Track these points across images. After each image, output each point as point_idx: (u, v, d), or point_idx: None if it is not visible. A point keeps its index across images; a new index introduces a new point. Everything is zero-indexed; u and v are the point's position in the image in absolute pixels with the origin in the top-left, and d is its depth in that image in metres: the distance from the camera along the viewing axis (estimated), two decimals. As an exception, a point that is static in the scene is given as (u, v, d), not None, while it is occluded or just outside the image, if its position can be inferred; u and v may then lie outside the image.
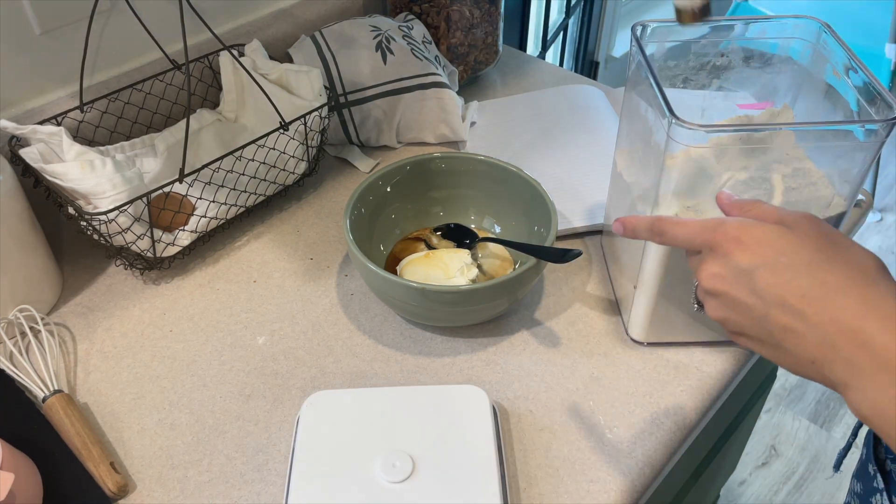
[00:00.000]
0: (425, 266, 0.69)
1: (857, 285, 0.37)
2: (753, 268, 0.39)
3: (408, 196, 0.74)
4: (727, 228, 0.41)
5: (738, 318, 0.41)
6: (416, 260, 0.70)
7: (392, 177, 0.72)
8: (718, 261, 0.41)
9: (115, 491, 0.55)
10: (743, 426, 1.07)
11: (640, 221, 0.47)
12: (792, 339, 0.38)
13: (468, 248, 0.72)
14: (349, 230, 0.65)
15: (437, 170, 0.75)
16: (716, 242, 0.41)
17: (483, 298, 0.61)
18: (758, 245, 0.39)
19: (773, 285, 0.38)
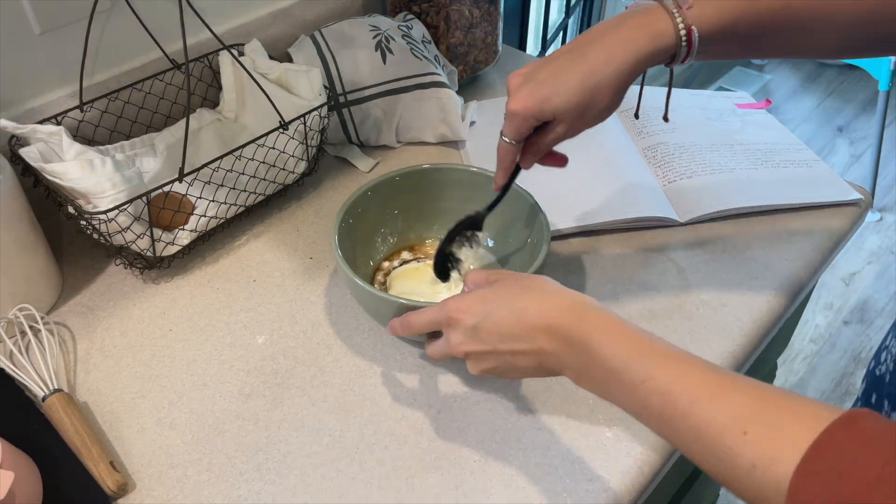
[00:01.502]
0: (415, 279, 0.67)
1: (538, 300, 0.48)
2: (475, 324, 0.49)
3: (398, 207, 0.72)
4: (449, 307, 0.51)
5: (489, 364, 0.51)
6: (406, 272, 0.69)
7: (381, 188, 0.70)
8: (454, 331, 0.51)
9: (114, 490, 0.55)
10: (742, 426, 1.06)
11: (394, 322, 0.57)
12: (520, 357, 0.49)
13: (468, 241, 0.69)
14: (337, 245, 0.63)
15: (430, 180, 0.72)
16: (448, 320, 0.51)
17: None
18: (471, 307, 0.50)
19: (491, 329, 0.49)
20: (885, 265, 2.00)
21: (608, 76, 0.51)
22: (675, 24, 0.50)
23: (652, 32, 0.51)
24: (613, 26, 0.52)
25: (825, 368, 1.76)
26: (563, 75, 0.52)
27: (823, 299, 1.92)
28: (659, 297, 0.71)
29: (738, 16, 0.50)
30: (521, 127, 0.56)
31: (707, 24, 0.50)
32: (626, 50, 0.51)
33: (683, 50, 0.51)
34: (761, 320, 0.68)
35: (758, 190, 0.80)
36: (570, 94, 0.52)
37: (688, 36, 0.50)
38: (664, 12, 0.51)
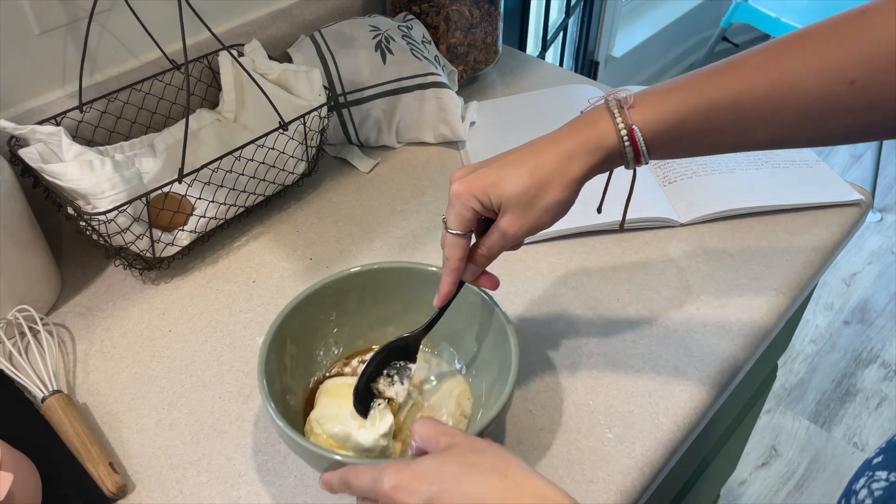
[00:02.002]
0: (342, 398, 0.56)
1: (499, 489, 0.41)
2: None
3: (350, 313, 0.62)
4: (387, 483, 0.43)
5: None
6: (335, 387, 0.58)
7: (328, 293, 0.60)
8: None
9: (114, 491, 0.55)
10: (743, 426, 1.07)
11: (332, 476, 0.48)
12: None
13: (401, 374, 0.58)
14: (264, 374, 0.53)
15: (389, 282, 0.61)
16: (385, 498, 0.43)
17: None
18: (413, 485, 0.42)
19: None
20: (885, 265, 2.00)
21: (559, 169, 0.49)
22: (616, 125, 0.48)
23: (596, 135, 0.48)
24: (563, 129, 0.50)
25: (826, 369, 1.76)
26: (513, 165, 0.50)
27: (824, 299, 1.92)
28: (659, 297, 0.70)
29: (684, 113, 0.47)
30: (464, 213, 0.51)
31: (651, 122, 0.47)
32: (577, 149, 0.49)
33: (630, 152, 0.48)
34: (762, 321, 0.68)
35: (758, 190, 0.80)
36: (521, 177, 0.49)
37: (630, 137, 0.47)
38: (607, 114, 0.48)
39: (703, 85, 0.46)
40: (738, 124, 0.46)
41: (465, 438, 0.45)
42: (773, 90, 0.44)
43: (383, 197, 0.83)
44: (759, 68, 0.45)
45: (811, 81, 0.43)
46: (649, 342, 0.66)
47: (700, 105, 0.46)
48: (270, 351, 0.55)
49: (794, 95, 0.44)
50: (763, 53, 0.46)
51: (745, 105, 0.45)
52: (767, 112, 0.45)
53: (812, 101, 0.44)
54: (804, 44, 0.44)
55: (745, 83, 0.45)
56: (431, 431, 0.45)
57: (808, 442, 1.62)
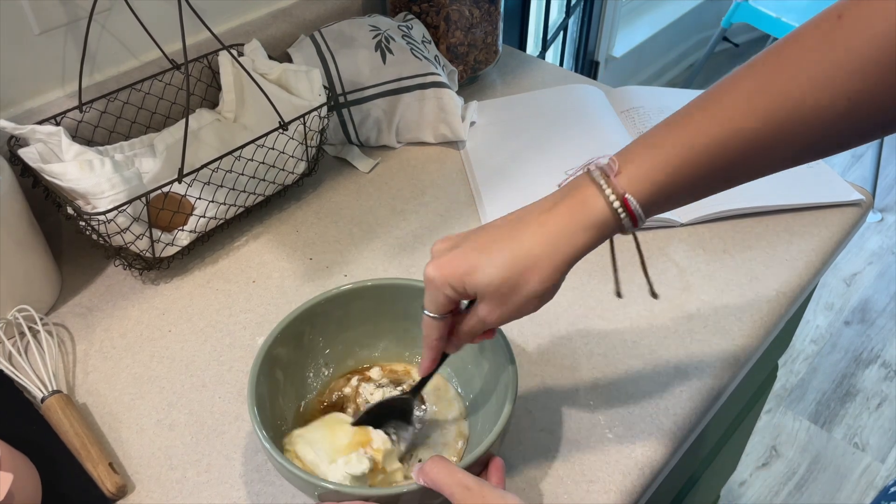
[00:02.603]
0: (333, 431, 0.54)
1: None
2: None
3: (338, 332, 0.61)
4: None
5: None
6: (335, 419, 0.56)
7: (314, 313, 0.58)
8: None
9: (113, 491, 0.55)
10: (743, 426, 1.06)
11: None
12: None
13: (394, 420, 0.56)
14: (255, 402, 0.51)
15: (378, 298, 0.60)
16: None
17: None
18: None
19: None
20: (885, 265, 2.00)
21: (544, 255, 0.44)
22: (606, 196, 0.43)
23: (585, 211, 0.44)
24: (548, 207, 0.46)
25: (826, 369, 1.76)
26: (492, 248, 0.45)
27: (824, 300, 1.92)
28: (659, 297, 0.70)
29: (676, 167, 0.43)
30: (438, 298, 0.47)
31: (643, 185, 0.43)
32: (562, 231, 0.44)
33: (627, 221, 0.44)
34: (762, 321, 0.68)
35: (758, 190, 0.80)
36: (496, 269, 0.45)
37: (625, 207, 0.43)
38: (593, 187, 0.44)
39: (690, 131, 0.43)
40: (740, 163, 0.43)
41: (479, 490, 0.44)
42: (767, 121, 0.41)
43: (383, 197, 0.83)
44: (748, 100, 0.41)
45: (806, 104, 0.40)
46: (649, 342, 0.66)
47: (692, 155, 0.42)
48: (260, 375, 0.53)
49: (793, 122, 0.40)
50: (746, 81, 0.42)
51: (743, 142, 0.41)
52: (766, 143, 0.41)
53: (812, 124, 0.40)
54: (788, 62, 0.40)
55: (734, 121, 0.41)
56: (446, 479, 0.45)
57: (809, 442, 1.62)
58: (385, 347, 0.62)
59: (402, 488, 0.47)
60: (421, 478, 0.46)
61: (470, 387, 0.60)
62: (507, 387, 0.52)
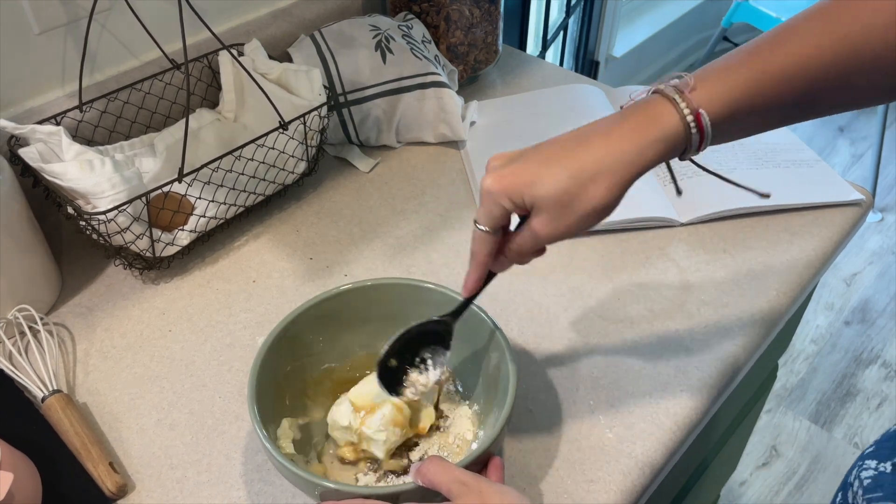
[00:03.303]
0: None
1: None
2: None
3: (338, 333, 0.60)
4: None
5: None
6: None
7: (317, 312, 0.58)
8: None
9: (114, 491, 0.55)
10: (743, 426, 1.06)
11: None
12: None
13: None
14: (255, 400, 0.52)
15: (376, 299, 0.60)
16: None
17: None
18: None
19: None
20: (886, 265, 2.00)
21: (609, 168, 0.44)
22: (680, 110, 0.44)
23: (657, 125, 0.44)
24: (615, 121, 0.46)
25: (826, 369, 1.76)
26: (555, 161, 0.45)
27: (824, 300, 1.92)
28: (659, 297, 0.70)
29: (753, 90, 0.44)
30: (493, 210, 0.47)
31: (718, 104, 0.44)
32: (631, 143, 0.44)
33: (696, 138, 0.44)
34: (762, 321, 0.68)
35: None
36: (559, 179, 0.44)
37: (697, 122, 0.44)
38: (666, 101, 0.44)
39: (767, 56, 0.44)
40: (808, 93, 0.44)
41: (475, 481, 0.44)
42: (840, 53, 0.42)
43: (383, 197, 0.83)
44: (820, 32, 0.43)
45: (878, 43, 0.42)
46: (649, 342, 0.66)
47: (767, 79, 0.43)
48: (260, 374, 0.53)
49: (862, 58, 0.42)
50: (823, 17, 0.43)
51: (813, 73, 0.43)
52: (835, 77, 0.43)
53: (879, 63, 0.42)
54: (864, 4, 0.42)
55: (808, 50, 0.43)
56: (443, 477, 0.45)
57: (809, 442, 1.62)
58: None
59: (401, 487, 0.47)
60: (419, 478, 0.46)
61: (470, 386, 0.60)
62: (507, 386, 0.52)
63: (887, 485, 0.51)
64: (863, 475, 0.53)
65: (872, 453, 0.54)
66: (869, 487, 0.51)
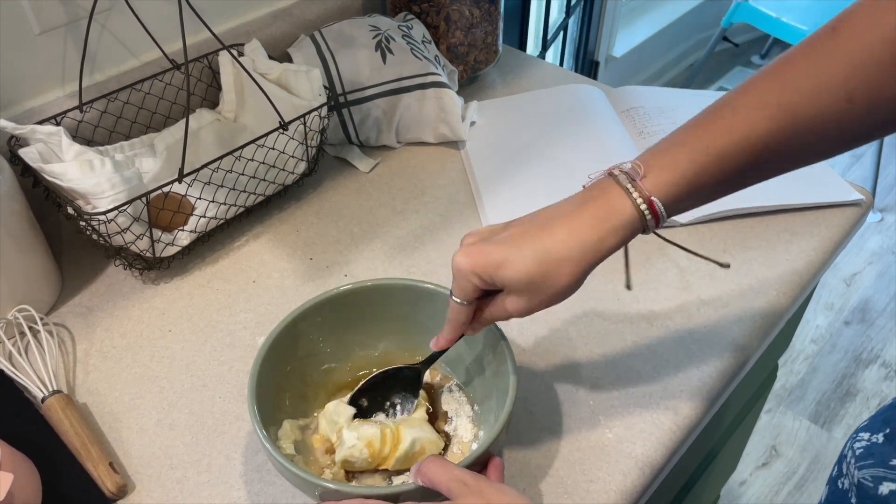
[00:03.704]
0: None
1: None
2: None
3: (334, 332, 0.60)
4: None
5: None
6: None
7: (317, 312, 0.58)
8: None
9: (114, 491, 0.55)
10: (743, 426, 1.06)
11: None
12: None
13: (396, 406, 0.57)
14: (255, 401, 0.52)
15: (377, 299, 0.60)
16: None
17: None
18: None
19: None
20: (885, 265, 2.00)
21: (571, 255, 0.47)
22: (633, 199, 0.46)
23: (614, 215, 0.47)
24: (576, 207, 0.48)
25: (826, 369, 1.76)
26: (523, 243, 0.47)
27: (824, 300, 1.92)
28: (659, 297, 0.70)
29: (697, 170, 0.46)
30: (465, 286, 0.49)
31: (666, 188, 0.46)
32: (591, 232, 0.47)
33: (651, 223, 0.47)
34: (762, 321, 0.68)
35: (758, 190, 0.79)
36: (526, 264, 0.47)
37: (650, 208, 0.46)
38: (620, 191, 0.47)
39: (706, 134, 0.46)
40: (752, 166, 0.46)
41: (475, 480, 0.45)
42: (776, 124, 0.44)
43: (383, 197, 0.83)
44: (757, 105, 0.45)
45: (811, 107, 0.43)
46: (649, 342, 0.66)
47: (710, 159, 0.45)
48: (260, 375, 0.53)
49: (798, 124, 0.44)
50: (755, 89, 0.46)
51: (755, 145, 0.45)
52: (777, 146, 0.45)
53: (816, 126, 0.44)
54: (792, 71, 0.44)
55: (747, 124, 0.45)
56: (443, 477, 0.45)
57: (809, 442, 1.62)
58: (385, 348, 0.62)
59: (401, 487, 0.47)
60: (419, 477, 0.46)
61: (471, 386, 0.60)
62: (507, 386, 0.52)
63: (878, 453, 0.53)
64: (856, 446, 0.55)
65: (866, 426, 0.56)
66: (861, 456, 0.53)
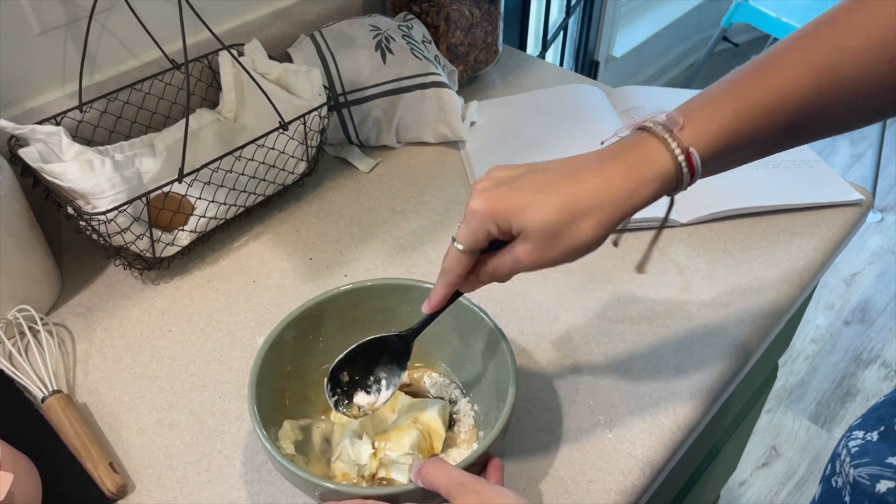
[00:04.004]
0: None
1: None
2: None
3: (334, 332, 0.60)
4: None
5: None
6: None
7: (317, 312, 0.58)
8: None
9: (114, 491, 0.55)
10: (743, 426, 1.06)
11: None
12: None
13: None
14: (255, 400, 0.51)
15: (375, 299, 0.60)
16: None
17: None
18: None
19: None
20: (885, 265, 2.00)
21: (599, 203, 0.44)
22: (672, 150, 0.44)
23: (650, 165, 0.44)
24: (607, 157, 0.45)
25: (826, 369, 1.76)
26: (547, 189, 0.44)
27: (824, 300, 1.92)
28: (659, 297, 0.70)
29: (738, 124, 0.44)
30: (477, 233, 0.45)
31: (706, 141, 0.44)
32: (625, 181, 0.44)
33: (686, 175, 0.45)
34: (762, 321, 0.68)
35: (758, 190, 0.80)
36: (550, 210, 0.43)
37: (687, 160, 0.44)
38: (656, 141, 0.44)
39: (749, 90, 0.44)
40: (792, 124, 0.45)
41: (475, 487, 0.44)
42: (819, 82, 0.43)
43: (383, 197, 0.83)
44: (800, 62, 0.44)
45: (854, 67, 0.42)
46: (649, 342, 0.66)
47: (751, 112, 0.44)
48: (260, 374, 0.53)
49: (842, 84, 0.43)
50: (799, 47, 0.44)
51: (796, 103, 0.44)
52: (817, 105, 0.44)
53: (858, 87, 0.43)
54: (835, 31, 0.43)
55: (789, 79, 0.43)
56: (442, 478, 0.45)
57: (809, 442, 1.62)
58: None
59: (401, 488, 0.47)
60: (418, 479, 0.46)
61: (470, 386, 0.60)
62: (506, 386, 0.52)
63: (873, 452, 0.53)
64: (850, 444, 0.55)
65: (860, 424, 0.56)
66: (856, 455, 0.52)
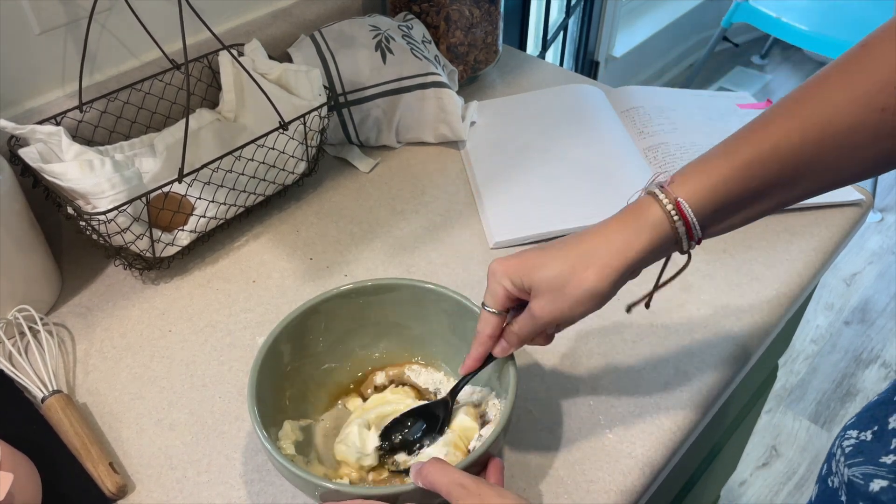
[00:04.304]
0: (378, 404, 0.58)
1: None
2: None
3: (334, 332, 0.60)
4: None
5: None
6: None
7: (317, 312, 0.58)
8: None
9: (114, 491, 0.55)
10: (743, 426, 1.06)
11: None
12: None
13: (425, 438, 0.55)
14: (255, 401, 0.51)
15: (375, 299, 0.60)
16: None
17: None
18: None
19: None
20: (885, 265, 2.00)
21: (598, 255, 0.48)
22: (660, 201, 0.47)
23: (642, 216, 0.47)
24: (609, 219, 0.50)
25: (826, 369, 1.76)
26: (556, 249, 0.49)
27: (824, 300, 1.92)
28: (659, 297, 0.70)
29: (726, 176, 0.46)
30: (497, 290, 0.51)
31: (696, 193, 0.46)
32: (619, 233, 0.48)
33: (682, 228, 0.47)
34: (762, 321, 0.68)
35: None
36: (555, 265, 0.48)
37: (678, 211, 0.46)
38: (650, 197, 0.48)
39: (739, 146, 0.47)
40: (782, 177, 0.46)
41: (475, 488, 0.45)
42: (806, 134, 0.44)
43: (383, 197, 0.83)
44: (789, 117, 0.45)
45: (842, 118, 0.44)
46: (649, 342, 0.66)
47: (740, 165, 0.46)
48: (260, 375, 0.53)
49: (830, 134, 0.44)
50: (789, 103, 0.46)
51: (785, 155, 0.45)
52: (808, 157, 0.45)
53: (847, 136, 0.44)
54: (826, 84, 0.45)
55: (778, 134, 0.45)
56: (442, 479, 0.45)
57: (809, 442, 1.62)
58: (385, 348, 0.62)
59: (401, 488, 0.47)
60: (418, 479, 0.46)
61: (470, 387, 0.60)
62: (507, 387, 0.52)
63: (868, 451, 0.53)
64: (844, 444, 0.55)
65: (854, 424, 0.56)
66: (850, 454, 0.53)
